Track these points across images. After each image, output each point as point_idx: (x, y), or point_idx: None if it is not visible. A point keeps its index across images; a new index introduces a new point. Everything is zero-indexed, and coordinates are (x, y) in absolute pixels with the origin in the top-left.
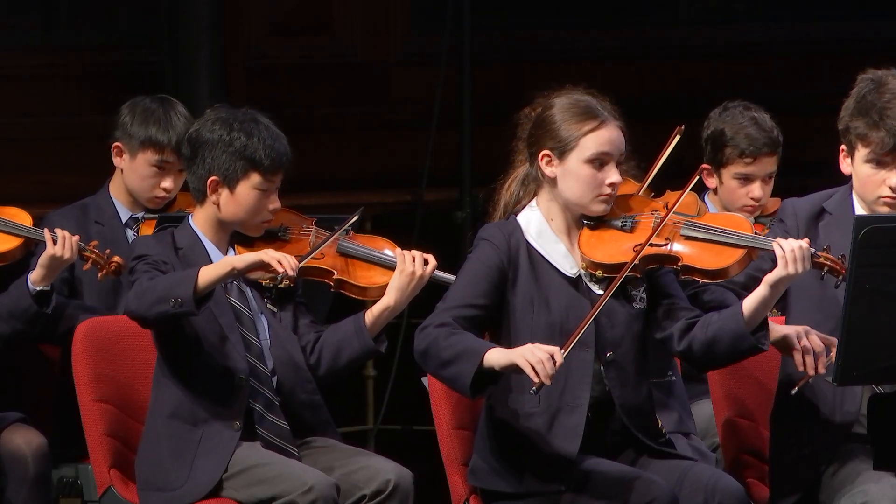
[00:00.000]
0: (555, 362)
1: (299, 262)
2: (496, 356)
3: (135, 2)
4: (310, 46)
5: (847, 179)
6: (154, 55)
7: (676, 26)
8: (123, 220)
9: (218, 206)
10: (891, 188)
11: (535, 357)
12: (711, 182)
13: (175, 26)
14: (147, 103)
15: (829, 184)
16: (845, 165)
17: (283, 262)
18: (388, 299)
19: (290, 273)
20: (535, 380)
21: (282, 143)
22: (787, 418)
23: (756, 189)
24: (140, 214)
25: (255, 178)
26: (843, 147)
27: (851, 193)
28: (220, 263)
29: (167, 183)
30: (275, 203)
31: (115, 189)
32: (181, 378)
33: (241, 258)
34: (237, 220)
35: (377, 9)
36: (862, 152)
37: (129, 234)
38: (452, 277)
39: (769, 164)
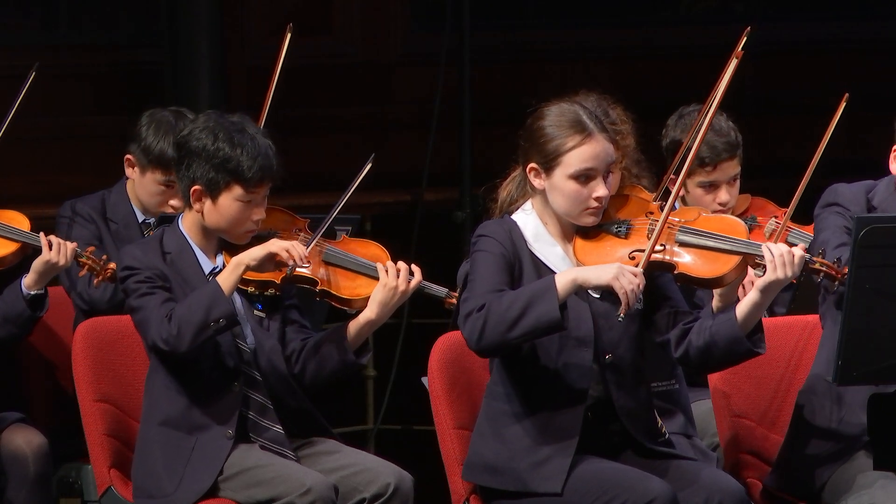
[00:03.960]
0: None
1: (307, 246)
2: (586, 274)
3: (135, 2)
4: (310, 46)
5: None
6: (154, 55)
7: (676, 26)
8: (140, 221)
9: (202, 213)
10: None
11: (629, 284)
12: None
13: (175, 26)
14: (163, 116)
15: (826, 184)
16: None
17: (291, 251)
18: (369, 312)
19: (300, 263)
20: (625, 308)
21: (267, 156)
22: (814, 404)
23: (722, 194)
24: (152, 220)
25: (237, 190)
26: (895, 147)
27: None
28: (231, 266)
29: (175, 202)
30: (259, 214)
31: (131, 190)
32: (174, 385)
33: (248, 254)
34: (219, 229)
35: (377, 9)
36: None
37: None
38: (442, 289)
39: (731, 168)
